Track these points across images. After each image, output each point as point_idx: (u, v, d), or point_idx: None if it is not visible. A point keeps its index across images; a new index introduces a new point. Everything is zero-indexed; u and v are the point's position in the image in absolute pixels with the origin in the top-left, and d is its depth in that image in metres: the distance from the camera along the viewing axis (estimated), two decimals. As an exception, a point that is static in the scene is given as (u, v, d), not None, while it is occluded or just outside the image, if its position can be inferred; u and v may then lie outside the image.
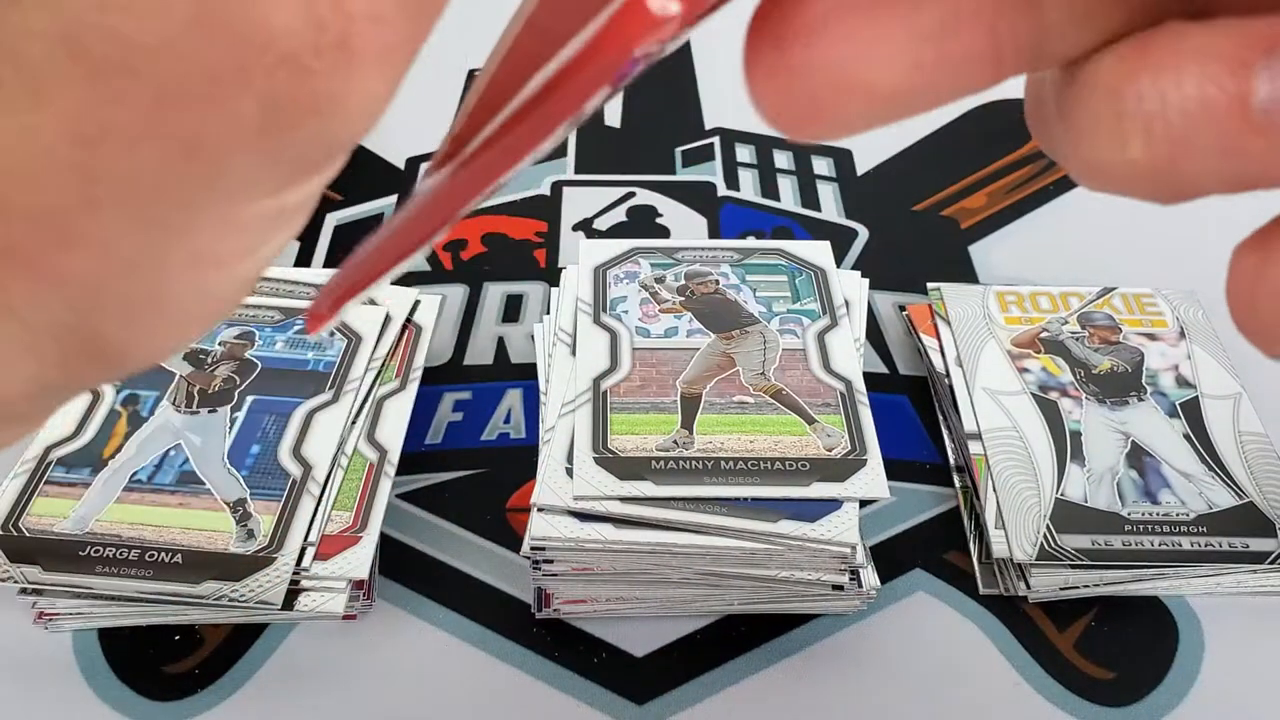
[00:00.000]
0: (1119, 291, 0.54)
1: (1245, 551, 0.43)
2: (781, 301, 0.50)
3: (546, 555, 0.41)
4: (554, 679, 0.41)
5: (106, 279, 0.15)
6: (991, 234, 0.62)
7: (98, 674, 0.41)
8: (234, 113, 0.13)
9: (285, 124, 0.13)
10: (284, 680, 0.41)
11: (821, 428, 0.43)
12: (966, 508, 0.47)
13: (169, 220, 0.14)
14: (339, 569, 0.41)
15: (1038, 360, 0.50)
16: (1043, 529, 0.43)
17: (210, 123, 0.13)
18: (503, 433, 0.50)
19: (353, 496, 0.43)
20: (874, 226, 0.62)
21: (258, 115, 0.13)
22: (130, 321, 0.15)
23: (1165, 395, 0.49)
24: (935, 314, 0.53)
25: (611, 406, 0.44)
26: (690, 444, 0.43)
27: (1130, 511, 0.44)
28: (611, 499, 0.41)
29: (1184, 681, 0.42)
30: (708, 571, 0.41)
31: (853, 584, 0.41)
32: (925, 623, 0.43)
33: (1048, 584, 0.43)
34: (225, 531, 0.41)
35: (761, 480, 0.41)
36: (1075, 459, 0.46)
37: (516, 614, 0.43)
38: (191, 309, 0.16)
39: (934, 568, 0.45)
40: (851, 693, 0.41)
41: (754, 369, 0.46)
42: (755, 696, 0.41)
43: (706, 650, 0.42)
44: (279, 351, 0.49)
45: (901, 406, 0.52)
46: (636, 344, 0.47)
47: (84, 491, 0.43)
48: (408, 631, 0.43)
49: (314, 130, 0.14)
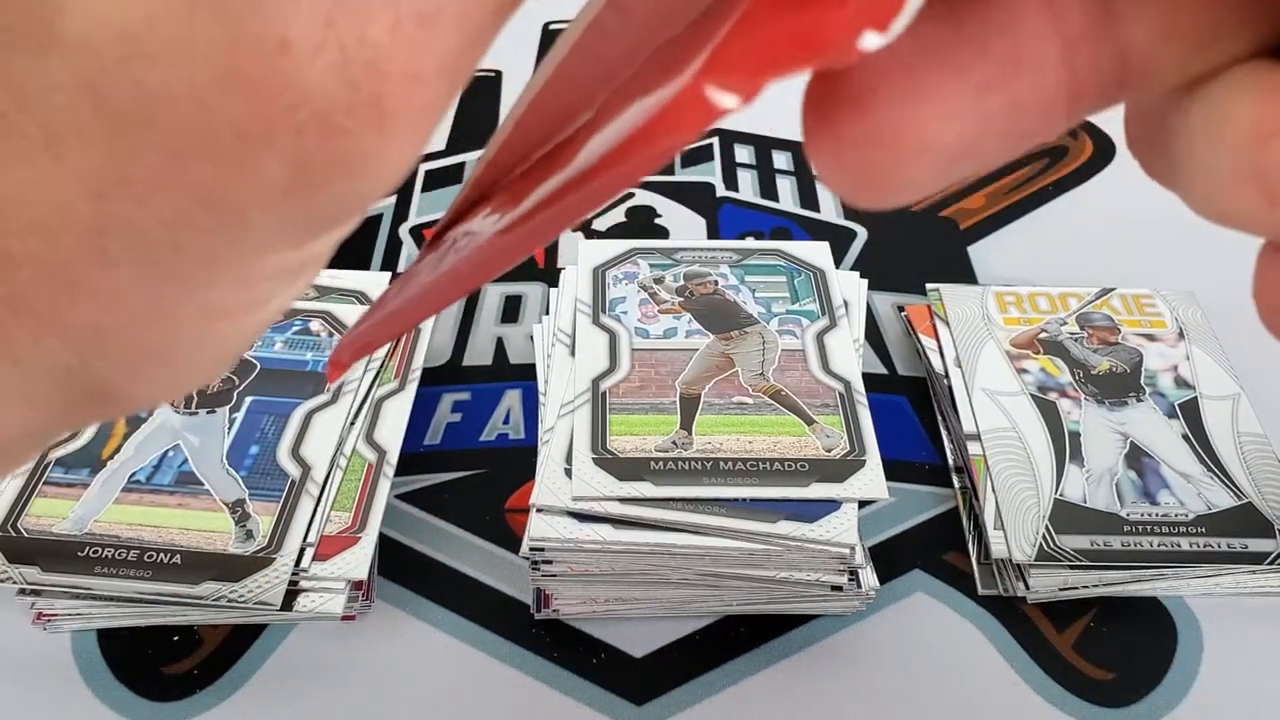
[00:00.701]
0: (1118, 292, 0.54)
1: (1244, 552, 0.43)
2: (780, 302, 0.50)
3: (545, 556, 0.41)
4: (553, 679, 0.41)
5: (114, 329, 0.14)
6: (990, 235, 0.62)
7: (96, 674, 0.41)
8: (258, 171, 0.13)
9: (312, 183, 0.13)
10: (283, 681, 0.41)
11: (820, 428, 0.43)
12: (965, 508, 0.47)
13: (182, 274, 0.14)
14: (338, 569, 0.41)
15: (1037, 361, 0.50)
16: (1042, 530, 0.43)
17: (233, 180, 0.13)
18: (502, 433, 0.50)
19: (351, 497, 0.43)
20: (873, 227, 0.62)
21: (283, 174, 0.13)
22: (135, 369, 0.15)
23: (1164, 396, 0.49)
24: (934, 315, 0.53)
25: (610, 407, 0.44)
26: (689, 445, 0.43)
27: (1129, 512, 0.44)
28: (610, 500, 0.40)
29: (1183, 682, 0.42)
30: (707, 572, 0.41)
31: (852, 585, 0.41)
32: (924, 623, 0.43)
33: (1047, 584, 0.43)
34: (224, 532, 0.41)
35: (760, 481, 0.41)
36: (1074, 460, 0.46)
37: (515, 614, 0.43)
38: (199, 357, 0.16)
39: (933, 568, 0.45)
40: (850, 693, 0.41)
41: (753, 370, 0.46)
42: (754, 697, 0.41)
43: (705, 651, 0.42)
44: (278, 352, 0.49)
45: (900, 407, 0.52)
46: (635, 344, 0.47)
47: (83, 492, 0.43)
48: (407, 632, 0.43)
49: (341, 190, 0.13)
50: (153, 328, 0.15)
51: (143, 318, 0.14)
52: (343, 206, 0.14)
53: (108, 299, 0.14)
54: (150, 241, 0.13)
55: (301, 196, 0.13)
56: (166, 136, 0.13)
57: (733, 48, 0.12)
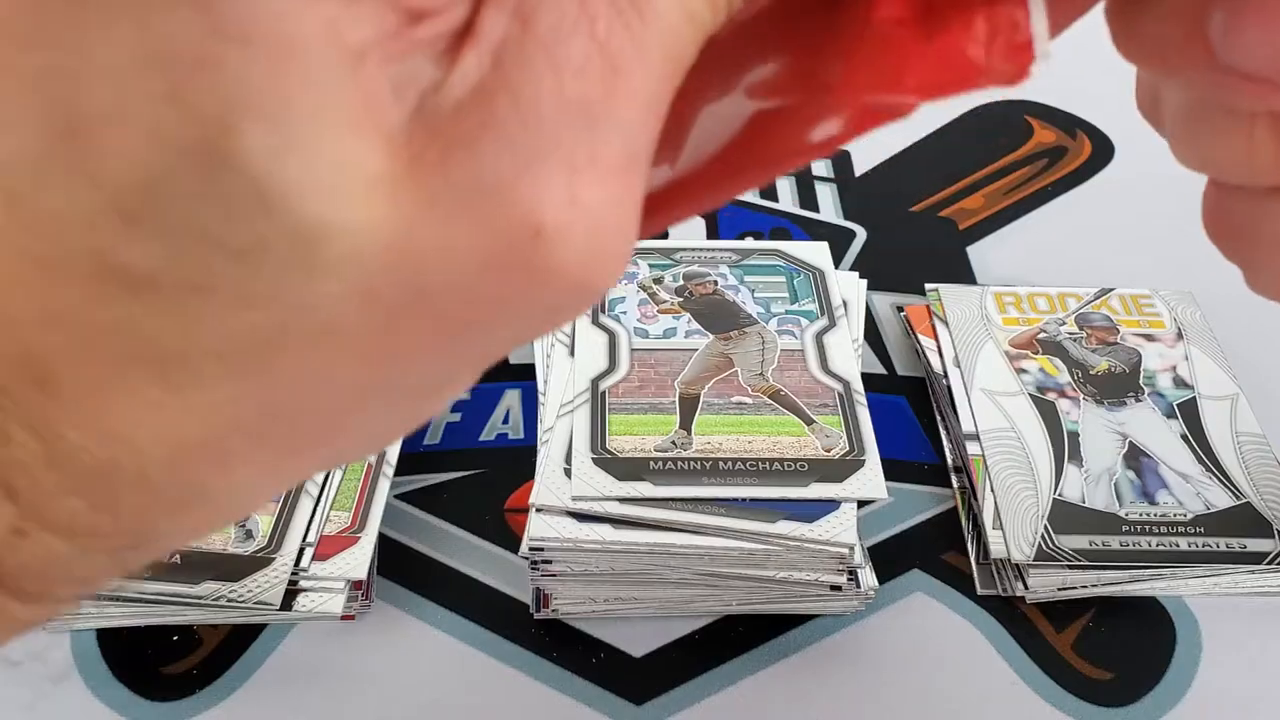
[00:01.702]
0: (1117, 292, 0.54)
1: (1243, 552, 0.43)
2: (780, 302, 0.50)
3: (545, 556, 0.41)
4: (552, 679, 0.41)
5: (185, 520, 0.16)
6: (989, 235, 0.62)
7: (96, 674, 0.41)
8: (507, 328, 0.15)
9: (544, 329, 0.15)
10: (282, 681, 0.41)
11: (820, 428, 0.43)
12: (964, 508, 0.47)
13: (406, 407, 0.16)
14: (337, 569, 0.41)
15: (1035, 361, 0.50)
16: (1040, 529, 0.43)
17: (480, 340, 0.15)
18: (501, 433, 0.50)
19: (351, 497, 0.43)
20: (872, 227, 0.62)
21: (529, 327, 0.15)
22: (183, 535, 0.16)
23: (1163, 396, 0.49)
24: (933, 315, 0.53)
25: (610, 407, 0.44)
26: (688, 444, 0.43)
27: (1128, 512, 0.44)
28: (610, 499, 0.41)
29: (1181, 682, 0.42)
30: (706, 572, 0.41)
31: (851, 584, 0.41)
32: (923, 623, 0.43)
33: (1045, 584, 0.43)
34: (223, 532, 0.41)
35: (759, 481, 0.41)
36: (1073, 460, 0.46)
37: (515, 614, 0.43)
38: (245, 511, 0.17)
39: (932, 568, 0.45)
40: (849, 693, 0.41)
41: (752, 370, 0.46)
42: (753, 697, 0.41)
43: (705, 651, 0.42)
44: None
45: (899, 407, 0.52)
46: (635, 344, 0.47)
47: (82, 492, 0.43)
48: (406, 632, 0.43)
49: (557, 324, 0.16)
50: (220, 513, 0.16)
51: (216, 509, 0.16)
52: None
53: (205, 511, 0.16)
54: (398, 388, 0.15)
55: (534, 336, 0.16)
56: (432, 316, 0.14)
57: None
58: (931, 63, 0.14)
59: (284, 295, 0.13)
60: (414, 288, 0.13)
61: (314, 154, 0.12)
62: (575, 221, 0.13)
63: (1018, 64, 0.14)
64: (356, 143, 0.13)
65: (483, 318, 0.14)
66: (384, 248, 0.13)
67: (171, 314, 0.13)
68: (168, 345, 0.13)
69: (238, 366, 0.13)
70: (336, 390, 0.14)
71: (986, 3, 0.14)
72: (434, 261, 0.13)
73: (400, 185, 0.13)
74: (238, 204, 0.12)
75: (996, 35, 0.14)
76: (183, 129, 0.12)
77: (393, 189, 0.13)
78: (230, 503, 0.16)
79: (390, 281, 0.13)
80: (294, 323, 0.13)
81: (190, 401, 0.14)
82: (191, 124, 0.12)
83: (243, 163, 0.12)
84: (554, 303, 0.14)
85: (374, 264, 0.13)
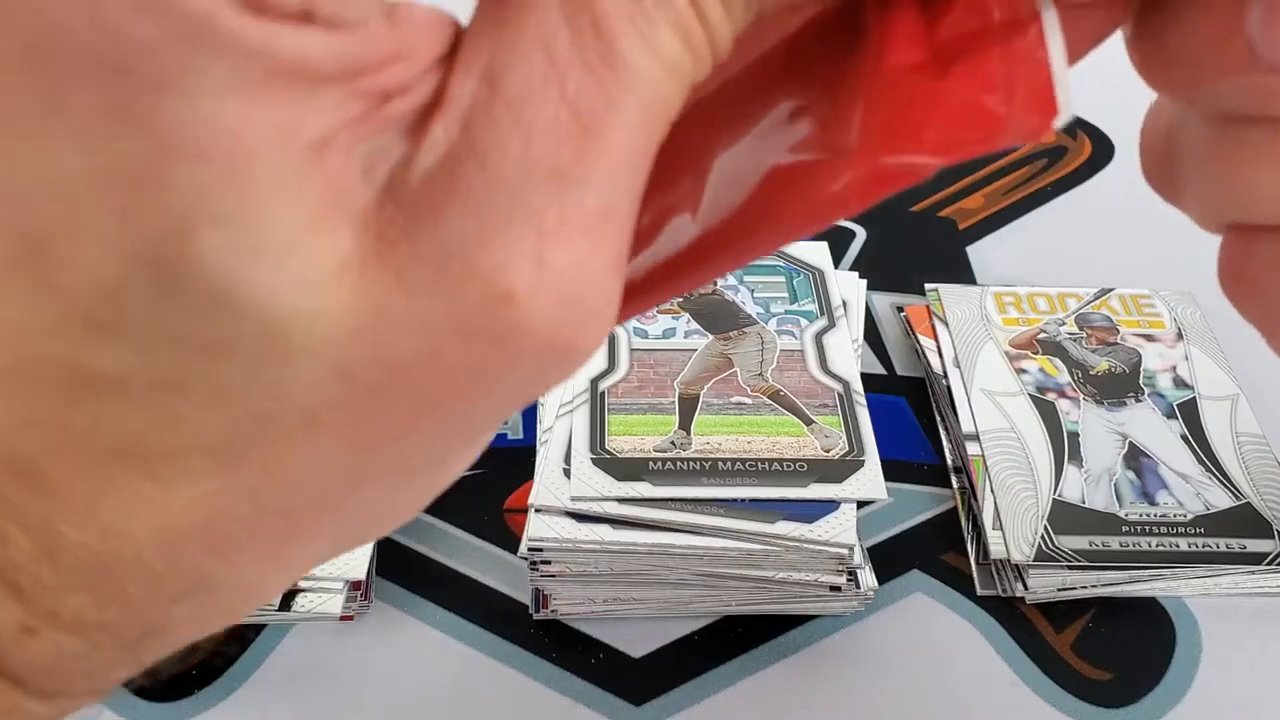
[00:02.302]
0: (1117, 292, 0.54)
1: (1242, 552, 0.43)
2: (779, 302, 0.50)
3: (544, 556, 0.41)
4: (551, 680, 0.41)
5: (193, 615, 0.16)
6: (989, 235, 0.62)
7: (94, 675, 0.41)
8: (490, 396, 0.14)
9: (533, 394, 0.15)
10: (281, 681, 0.41)
11: (819, 429, 0.43)
12: (964, 509, 0.47)
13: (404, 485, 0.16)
14: (336, 569, 0.41)
15: (1035, 361, 0.50)
16: (1040, 530, 0.43)
17: (462, 409, 0.15)
18: (500, 433, 0.50)
19: (350, 497, 0.43)
20: (872, 227, 0.62)
21: (517, 395, 0.15)
22: (197, 626, 0.17)
23: (1163, 396, 0.49)
24: (933, 315, 0.53)
25: (609, 407, 0.44)
26: (688, 445, 0.43)
27: (1128, 512, 0.44)
28: (609, 500, 0.40)
29: (1181, 682, 0.42)
30: (705, 572, 0.41)
31: (850, 585, 0.41)
32: (923, 624, 0.43)
33: (1045, 585, 0.43)
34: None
35: (759, 481, 0.41)
36: (1073, 460, 0.46)
37: (514, 615, 0.43)
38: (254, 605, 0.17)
39: (931, 569, 0.45)
40: (849, 694, 0.41)
41: (751, 370, 0.46)
42: (753, 697, 0.41)
43: (704, 651, 0.42)
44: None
45: (899, 407, 0.52)
46: (634, 344, 0.47)
47: (81, 492, 0.43)
48: (405, 632, 0.43)
49: (549, 387, 0.15)
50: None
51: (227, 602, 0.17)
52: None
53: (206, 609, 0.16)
54: (392, 469, 0.15)
55: (523, 404, 0.15)
56: (410, 392, 0.14)
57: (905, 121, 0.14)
58: (950, 118, 0.13)
59: (259, 387, 0.13)
60: (389, 365, 0.13)
61: (274, 250, 0.12)
62: (545, 284, 0.13)
63: (1041, 113, 0.13)
64: (319, 234, 0.12)
65: (464, 390, 0.14)
66: (354, 329, 0.13)
67: (148, 412, 0.13)
68: (150, 442, 0.13)
69: (223, 458, 0.14)
70: (326, 476, 0.14)
71: (1001, 41, 0.13)
72: (406, 336, 0.13)
73: (368, 263, 0.13)
74: (200, 305, 0.12)
75: (1016, 81, 0.13)
76: (138, 241, 0.12)
77: (361, 269, 0.13)
78: (240, 592, 0.16)
79: (364, 360, 0.13)
80: (273, 413, 0.13)
81: (181, 494, 0.14)
82: (146, 236, 0.12)
83: (201, 267, 0.12)
84: (535, 369, 0.14)
85: (346, 345, 0.13)
